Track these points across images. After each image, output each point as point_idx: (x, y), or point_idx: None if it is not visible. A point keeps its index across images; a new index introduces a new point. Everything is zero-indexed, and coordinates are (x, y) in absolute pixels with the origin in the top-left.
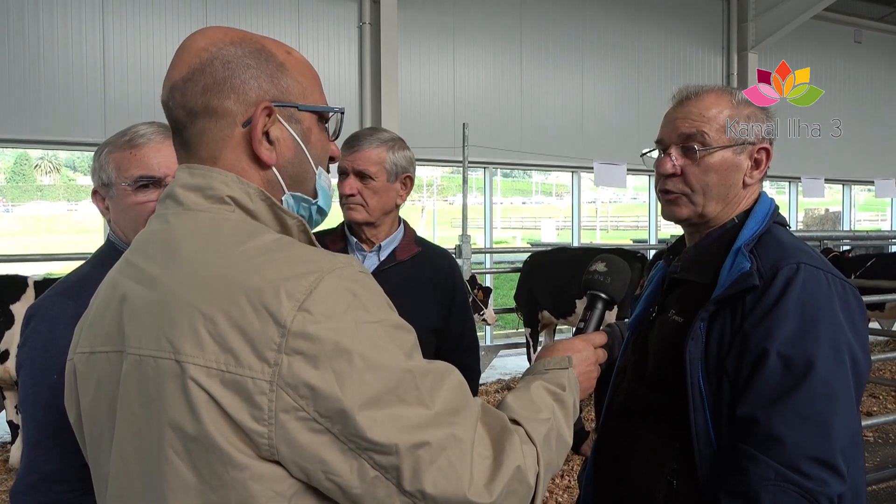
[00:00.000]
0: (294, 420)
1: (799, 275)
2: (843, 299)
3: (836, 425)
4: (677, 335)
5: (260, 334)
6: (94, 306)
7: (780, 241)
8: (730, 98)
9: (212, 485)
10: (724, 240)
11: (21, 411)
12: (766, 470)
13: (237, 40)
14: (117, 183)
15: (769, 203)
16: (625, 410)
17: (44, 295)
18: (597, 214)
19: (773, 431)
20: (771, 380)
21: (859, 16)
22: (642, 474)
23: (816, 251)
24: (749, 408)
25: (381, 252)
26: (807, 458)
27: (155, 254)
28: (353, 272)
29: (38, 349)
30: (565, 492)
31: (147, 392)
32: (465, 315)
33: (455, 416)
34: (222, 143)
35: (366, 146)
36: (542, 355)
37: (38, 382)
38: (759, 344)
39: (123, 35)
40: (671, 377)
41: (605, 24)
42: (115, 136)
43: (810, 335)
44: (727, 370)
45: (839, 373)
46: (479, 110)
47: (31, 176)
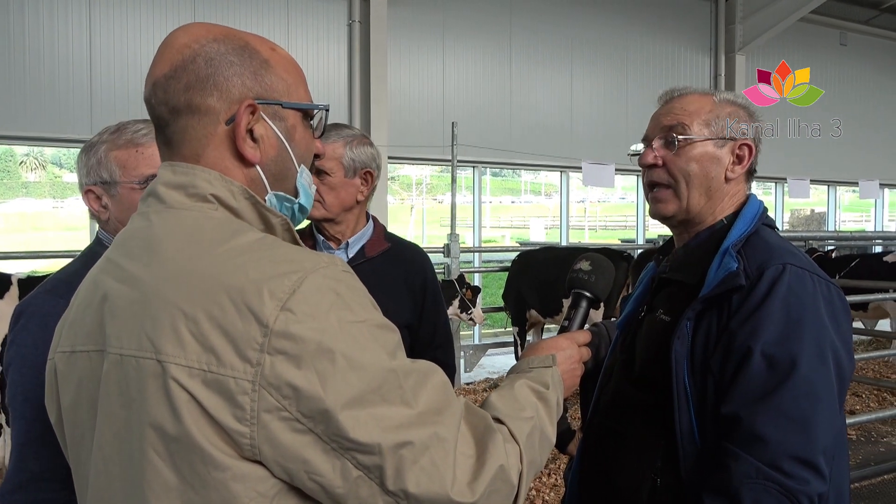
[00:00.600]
0: (277, 420)
1: (784, 275)
2: (828, 300)
3: (819, 425)
4: (664, 334)
5: (242, 334)
6: (75, 305)
7: (767, 242)
8: (711, 97)
9: (193, 485)
10: (712, 240)
11: (10, 410)
12: (748, 468)
13: (220, 37)
14: (123, 181)
15: (758, 205)
16: (611, 408)
17: (33, 292)
18: (585, 214)
19: (755, 430)
20: (755, 379)
21: (845, 18)
22: (628, 472)
23: (803, 252)
24: (733, 406)
25: (348, 249)
26: (788, 457)
27: (137, 252)
28: (337, 271)
29: (29, 347)
30: (552, 490)
31: (128, 392)
32: (439, 311)
33: (438, 415)
34: (205, 140)
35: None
36: (527, 353)
37: (28, 381)
38: (743, 343)
39: (110, 31)
40: (658, 375)
41: (595, 24)
42: (108, 133)
43: (794, 335)
44: (712, 369)
45: (822, 373)
46: (468, 109)
47: (15, 172)
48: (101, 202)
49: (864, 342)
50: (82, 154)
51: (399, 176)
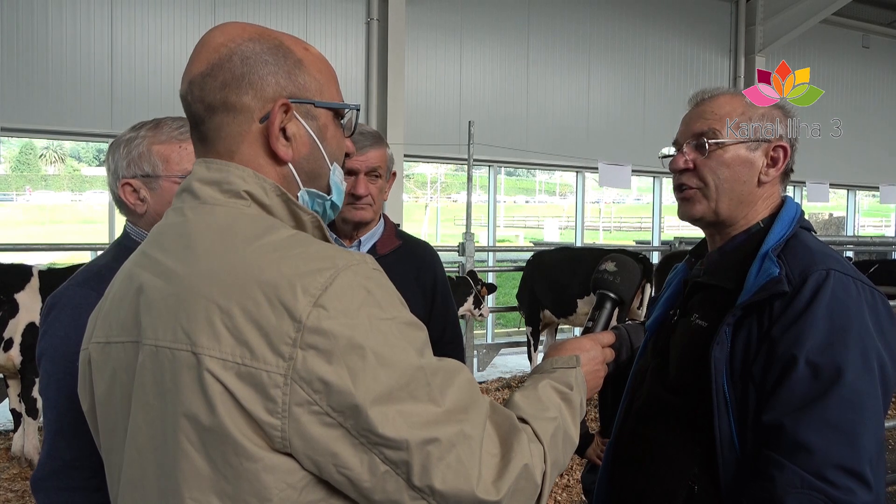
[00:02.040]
0: (307, 414)
1: (829, 281)
2: (873, 307)
3: (864, 434)
4: (701, 340)
5: (275, 328)
6: (110, 297)
7: (807, 246)
8: (743, 98)
9: (225, 475)
10: (749, 244)
11: (43, 398)
12: (792, 477)
13: (256, 36)
14: (166, 175)
15: (795, 208)
16: (644, 414)
17: (65, 284)
18: (600, 215)
19: (799, 439)
20: (799, 387)
21: (867, 21)
22: (661, 478)
23: (844, 258)
24: (776, 414)
25: (361, 247)
26: (834, 467)
27: (172, 246)
28: (368, 269)
29: (61, 338)
30: (564, 490)
31: (163, 382)
32: (448, 308)
33: (465, 413)
34: (240, 138)
35: (373, 145)
36: (550, 354)
37: (60, 370)
38: (787, 350)
39: (131, 26)
40: (694, 381)
41: (613, 24)
42: (147, 129)
43: (839, 343)
44: (753, 376)
45: (868, 381)
46: (484, 108)
47: (35, 165)
48: (138, 195)
49: None
50: (119, 147)
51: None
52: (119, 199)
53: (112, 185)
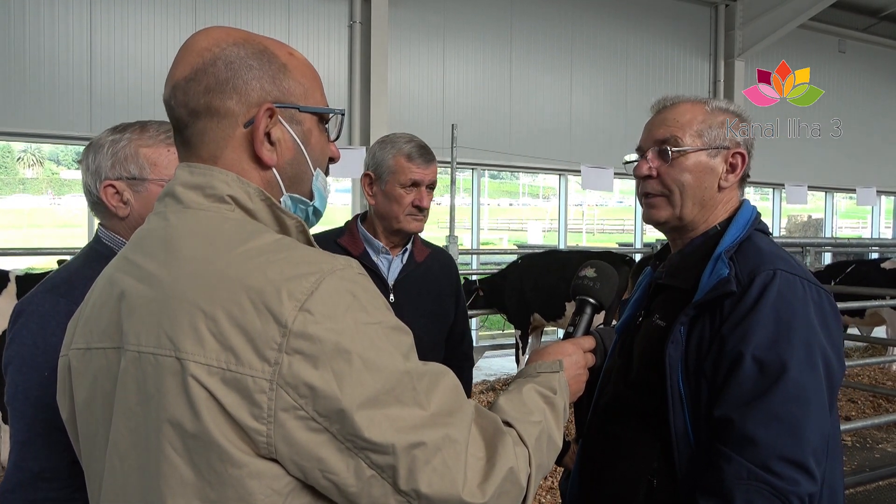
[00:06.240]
0: (293, 419)
1: (775, 281)
2: (819, 305)
3: (808, 427)
4: (660, 339)
5: (261, 333)
6: (90, 303)
7: (758, 248)
8: (703, 106)
9: (210, 482)
10: (706, 246)
11: (10, 408)
12: (740, 469)
13: (240, 41)
14: (153, 178)
15: (750, 211)
16: (609, 412)
17: (33, 291)
18: (583, 217)
19: (746, 432)
20: (746, 382)
21: (844, 26)
22: (625, 473)
23: (795, 258)
24: (725, 409)
25: (403, 255)
26: (778, 458)
27: (155, 251)
28: (353, 273)
29: (29, 346)
30: (548, 492)
31: (146, 389)
32: (465, 308)
33: (450, 417)
34: (223, 142)
35: (434, 160)
36: (533, 358)
37: (27, 380)
38: (735, 347)
39: (110, 29)
40: (654, 379)
41: (595, 28)
42: (132, 131)
43: (784, 339)
44: (705, 372)
45: (812, 376)
46: (468, 111)
47: (13, 168)
48: (121, 197)
49: (859, 349)
50: (102, 147)
51: None
52: (98, 201)
53: (91, 186)
